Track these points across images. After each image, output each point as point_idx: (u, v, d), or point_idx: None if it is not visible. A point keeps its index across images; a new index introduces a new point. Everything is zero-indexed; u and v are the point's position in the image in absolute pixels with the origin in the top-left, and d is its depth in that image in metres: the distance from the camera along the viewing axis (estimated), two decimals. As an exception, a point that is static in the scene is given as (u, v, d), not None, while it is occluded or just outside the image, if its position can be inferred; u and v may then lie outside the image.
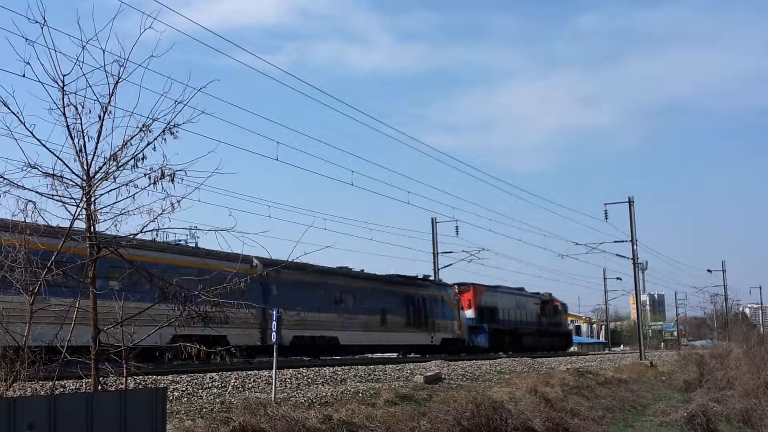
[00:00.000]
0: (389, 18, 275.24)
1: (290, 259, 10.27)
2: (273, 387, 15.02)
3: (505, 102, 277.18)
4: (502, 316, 42.18)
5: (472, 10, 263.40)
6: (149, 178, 8.82)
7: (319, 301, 28.18)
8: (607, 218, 48.70)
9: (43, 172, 8.64)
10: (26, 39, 8.54)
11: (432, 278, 40.08)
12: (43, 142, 8.66)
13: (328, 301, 28.93)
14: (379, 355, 31.78)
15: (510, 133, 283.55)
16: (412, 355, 33.11)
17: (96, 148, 8.83)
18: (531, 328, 44.31)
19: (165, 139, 8.91)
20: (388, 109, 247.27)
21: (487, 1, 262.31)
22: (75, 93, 8.69)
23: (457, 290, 39.29)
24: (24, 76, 8.65)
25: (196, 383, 15.28)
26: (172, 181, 8.80)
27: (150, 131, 8.86)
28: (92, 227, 8.86)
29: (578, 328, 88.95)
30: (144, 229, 8.89)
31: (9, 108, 8.36)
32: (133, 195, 8.85)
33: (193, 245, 23.66)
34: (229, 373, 16.91)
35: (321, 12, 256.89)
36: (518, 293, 46.89)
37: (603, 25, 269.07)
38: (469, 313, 39.37)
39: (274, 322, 15.37)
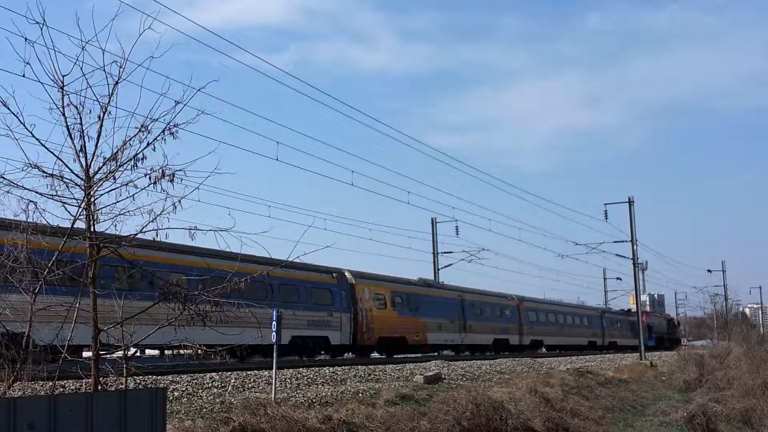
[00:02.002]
0: (394, 18, 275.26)
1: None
2: (273, 387, 15.02)
3: (509, 102, 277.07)
4: (655, 329, 70.56)
5: (476, 10, 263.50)
6: (149, 178, 8.83)
7: (617, 327, 62.38)
8: (607, 218, 48.90)
9: (43, 172, 8.64)
10: (26, 39, 8.56)
11: (631, 309, 68.75)
12: (43, 142, 8.67)
13: (615, 325, 62.12)
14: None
15: (513, 133, 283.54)
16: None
17: (96, 148, 8.84)
18: (664, 335, 71.87)
19: (165, 140, 8.92)
20: (392, 108, 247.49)
21: (491, 1, 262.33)
22: (77, 93, 8.72)
23: None
24: (24, 76, 8.66)
25: (196, 383, 15.27)
26: (172, 181, 8.81)
27: (149, 131, 8.87)
28: (92, 227, 8.86)
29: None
30: (144, 229, 8.89)
31: (9, 108, 8.38)
32: (133, 195, 8.86)
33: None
34: (229, 373, 16.90)
35: (326, 11, 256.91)
36: (659, 315, 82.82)
37: (607, 24, 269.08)
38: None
39: (274, 323, 15.38)
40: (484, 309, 40.66)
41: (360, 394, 16.50)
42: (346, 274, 30.49)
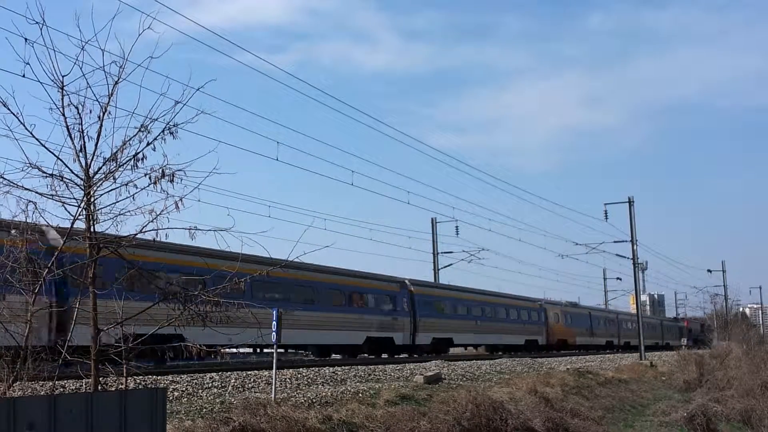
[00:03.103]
0: (396, 18, 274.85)
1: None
2: (273, 387, 15.02)
3: (510, 102, 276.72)
4: (692, 331, 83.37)
5: (477, 10, 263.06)
6: (149, 178, 8.83)
7: (670, 331, 78.76)
8: (607, 218, 48.98)
9: (43, 173, 8.64)
10: (26, 39, 8.56)
11: (678, 317, 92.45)
12: (43, 143, 8.67)
13: (669, 330, 78.30)
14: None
15: (513, 133, 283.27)
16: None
17: (96, 148, 8.84)
18: (698, 336, 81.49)
19: (165, 140, 8.92)
20: (394, 109, 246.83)
21: (492, 1, 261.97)
22: (76, 93, 8.71)
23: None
24: (24, 76, 8.67)
25: (196, 383, 15.27)
26: (172, 181, 8.80)
27: (149, 131, 8.87)
28: (92, 227, 8.85)
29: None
30: (143, 229, 8.89)
31: (9, 108, 8.38)
32: (133, 195, 8.86)
33: None
34: (229, 373, 16.91)
35: (328, 11, 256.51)
36: (696, 320, 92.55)
37: (609, 25, 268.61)
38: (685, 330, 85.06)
39: (275, 323, 15.37)
40: (599, 320, 59.31)
41: (360, 394, 16.50)
42: (542, 302, 49.70)
